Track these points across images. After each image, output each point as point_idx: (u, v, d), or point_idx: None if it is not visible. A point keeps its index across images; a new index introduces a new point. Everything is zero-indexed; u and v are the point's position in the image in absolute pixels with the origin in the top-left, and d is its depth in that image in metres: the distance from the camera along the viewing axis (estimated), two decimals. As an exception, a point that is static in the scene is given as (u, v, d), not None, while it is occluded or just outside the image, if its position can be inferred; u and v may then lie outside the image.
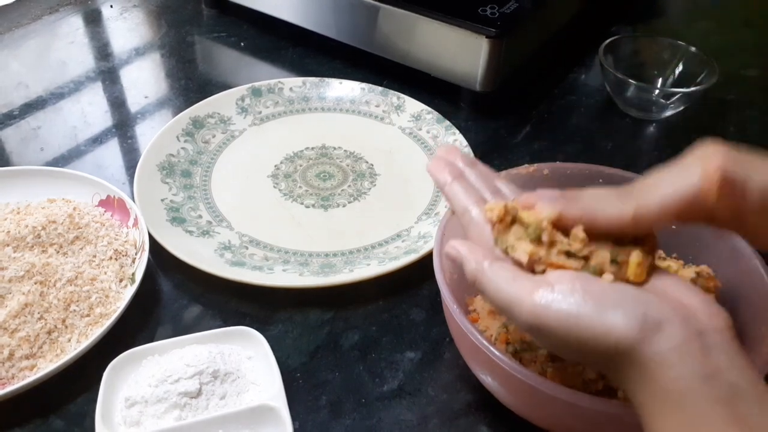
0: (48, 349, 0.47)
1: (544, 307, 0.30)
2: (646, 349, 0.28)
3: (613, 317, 0.28)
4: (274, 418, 0.43)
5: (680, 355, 0.27)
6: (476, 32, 0.66)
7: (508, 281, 0.31)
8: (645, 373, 0.28)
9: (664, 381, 0.28)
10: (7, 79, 0.77)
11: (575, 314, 0.29)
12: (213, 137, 0.68)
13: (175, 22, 0.88)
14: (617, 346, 0.28)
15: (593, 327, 0.29)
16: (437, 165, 0.39)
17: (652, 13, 0.95)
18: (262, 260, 0.55)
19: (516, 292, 0.31)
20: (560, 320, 0.29)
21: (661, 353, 0.28)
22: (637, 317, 0.28)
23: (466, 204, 0.36)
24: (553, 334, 0.30)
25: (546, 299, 0.30)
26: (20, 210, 0.55)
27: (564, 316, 0.29)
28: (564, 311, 0.29)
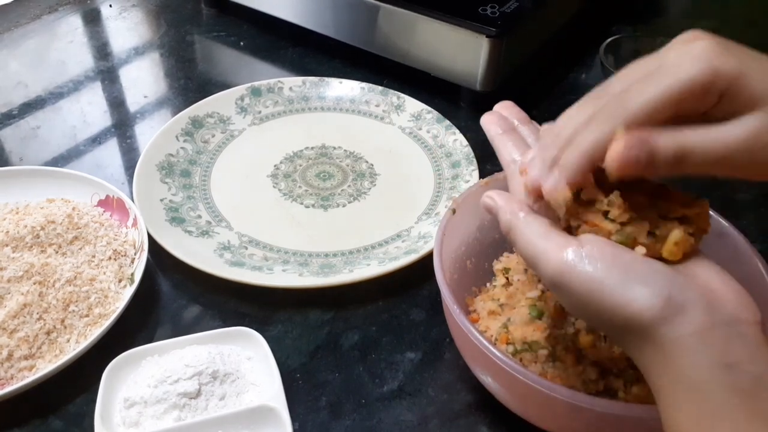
0: (47, 350, 0.46)
1: (570, 265, 0.29)
2: (665, 329, 0.27)
3: (636, 290, 0.28)
4: (273, 418, 0.42)
5: (701, 342, 0.27)
6: (476, 32, 0.66)
7: (540, 235, 0.31)
8: (662, 355, 0.28)
9: (682, 366, 0.27)
10: (6, 79, 0.77)
11: (599, 279, 0.28)
12: (212, 137, 0.68)
13: (174, 21, 0.88)
14: (636, 320, 0.28)
15: (615, 296, 0.28)
16: (491, 118, 0.39)
17: (653, 12, 0.95)
18: (261, 260, 0.55)
19: (545, 246, 0.30)
20: (583, 282, 0.29)
21: (681, 337, 0.27)
22: (661, 295, 0.27)
23: (513, 154, 0.36)
24: (575, 294, 0.29)
25: (573, 258, 0.29)
26: (19, 210, 0.55)
27: (588, 278, 0.28)
28: (588, 274, 0.28)
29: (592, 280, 0.28)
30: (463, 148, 0.65)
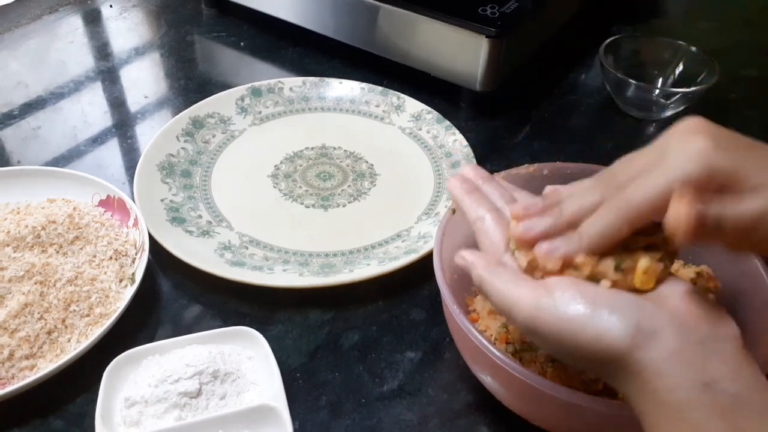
0: (48, 349, 0.47)
1: (539, 310, 0.30)
2: (639, 356, 0.28)
3: (605, 322, 0.29)
4: (274, 418, 0.43)
5: (676, 364, 0.27)
6: (476, 32, 0.66)
7: (509, 284, 0.32)
8: (641, 381, 0.28)
9: (660, 390, 0.28)
10: (6, 79, 0.77)
11: (569, 318, 0.29)
12: (213, 137, 0.68)
13: (174, 21, 0.88)
14: (611, 351, 0.29)
15: (587, 331, 0.29)
16: (455, 182, 0.40)
17: (653, 12, 0.95)
18: (262, 260, 0.55)
19: (516, 295, 0.32)
20: (554, 324, 0.30)
21: (654, 361, 0.28)
22: (630, 323, 0.28)
23: (479, 211, 0.37)
24: (550, 336, 0.30)
25: (542, 303, 0.30)
26: (20, 210, 0.55)
27: (558, 319, 0.30)
28: (559, 314, 0.30)
29: (562, 321, 0.30)
30: (463, 149, 0.65)
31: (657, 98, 0.71)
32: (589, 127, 0.73)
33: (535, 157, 0.68)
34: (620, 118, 0.74)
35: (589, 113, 0.75)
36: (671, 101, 0.70)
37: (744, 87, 0.80)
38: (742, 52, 0.86)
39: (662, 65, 0.75)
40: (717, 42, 0.87)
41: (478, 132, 0.71)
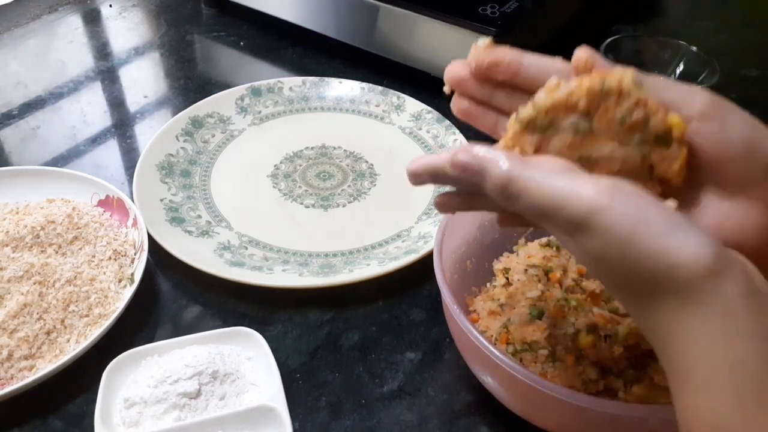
0: (47, 350, 0.46)
1: (609, 199, 0.25)
2: (713, 286, 0.24)
3: (685, 237, 0.24)
4: (273, 418, 0.42)
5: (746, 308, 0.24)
6: (476, 32, 0.66)
7: (557, 176, 0.26)
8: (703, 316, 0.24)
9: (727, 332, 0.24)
10: (6, 79, 0.77)
11: (644, 220, 0.24)
12: (212, 137, 0.68)
13: (174, 21, 0.88)
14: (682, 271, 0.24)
15: (660, 240, 0.24)
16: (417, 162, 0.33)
17: (653, 12, 0.95)
18: (261, 260, 0.55)
19: (571, 184, 0.26)
20: (625, 221, 0.24)
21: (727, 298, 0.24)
22: (712, 247, 0.24)
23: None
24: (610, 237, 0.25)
25: (612, 194, 0.25)
26: (19, 210, 0.55)
27: (632, 215, 0.24)
28: (632, 211, 0.24)
29: (636, 218, 0.24)
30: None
31: (657, 98, 0.71)
32: (589, 127, 0.73)
33: (535, 157, 0.67)
34: (620, 118, 0.74)
35: (589, 113, 0.75)
36: (671, 101, 0.70)
37: (744, 87, 0.80)
38: (742, 52, 0.86)
39: (662, 65, 0.75)
40: (717, 42, 0.87)
41: (478, 132, 0.70)
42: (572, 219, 0.25)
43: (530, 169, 0.27)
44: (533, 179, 0.26)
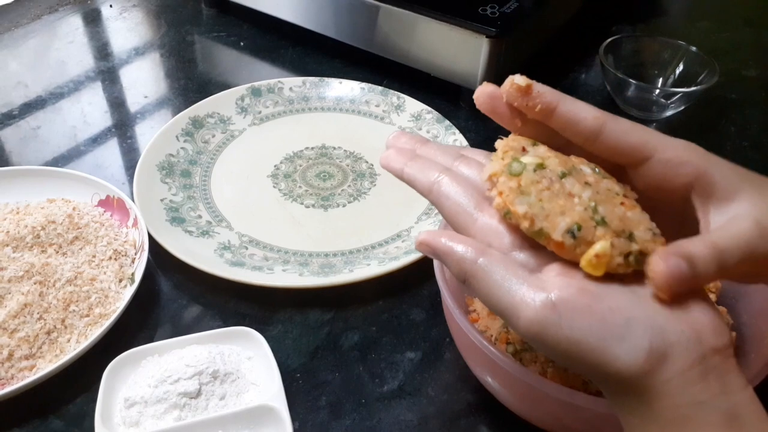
0: (47, 350, 0.46)
1: (543, 325, 0.27)
2: (647, 380, 0.27)
3: (616, 348, 0.27)
4: (273, 418, 0.43)
5: (679, 384, 0.26)
6: (476, 32, 0.66)
7: (504, 286, 0.28)
8: (645, 401, 0.27)
9: (658, 408, 0.27)
10: (6, 79, 0.77)
11: (576, 340, 0.27)
12: (212, 137, 0.68)
13: (174, 21, 0.88)
14: (617, 376, 0.27)
15: (595, 355, 0.27)
16: (388, 155, 0.35)
17: (653, 12, 0.95)
18: (261, 260, 0.55)
19: (513, 301, 0.28)
20: (560, 342, 0.27)
21: (660, 383, 0.27)
22: (642, 349, 0.27)
23: (430, 176, 0.32)
24: (553, 352, 0.28)
25: (546, 317, 0.27)
26: (19, 210, 0.55)
27: (564, 339, 0.27)
28: (564, 335, 0.27)
29: (569, 340, 0.27)
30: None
31: (657, 98, 0.71)
32: (589, 127, 0.73)
33: (536, 157, 0.67)
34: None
35: (589, 113, 0.75)
36: (671, 101, 0.70)
37: (744, 87, 0.80)
38: (742, 52, 0.86)
39: (662, 65, 0.75)
40: (717, 42, 0.87)
41: (478, 132, 0.71)
42: (519, 333, 0.28)
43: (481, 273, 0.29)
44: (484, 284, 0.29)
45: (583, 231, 0.28)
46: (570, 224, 0.28)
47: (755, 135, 0.73)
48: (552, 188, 0.29)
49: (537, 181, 0.29)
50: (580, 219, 0.28)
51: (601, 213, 0.28)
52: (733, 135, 0.73)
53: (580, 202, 0.29)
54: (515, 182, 0.29)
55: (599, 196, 0.29)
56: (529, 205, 0.29)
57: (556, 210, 0.28)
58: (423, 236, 0.31)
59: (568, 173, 0.29)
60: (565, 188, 0.29)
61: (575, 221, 0.28)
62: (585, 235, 0.28)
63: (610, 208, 0.29)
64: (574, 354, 0.27)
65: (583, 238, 0.28)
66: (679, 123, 0.73)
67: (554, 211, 0.28)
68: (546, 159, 0.30)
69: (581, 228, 0.28)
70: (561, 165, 0.30)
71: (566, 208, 0.28)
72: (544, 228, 0.28)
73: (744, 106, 0.77)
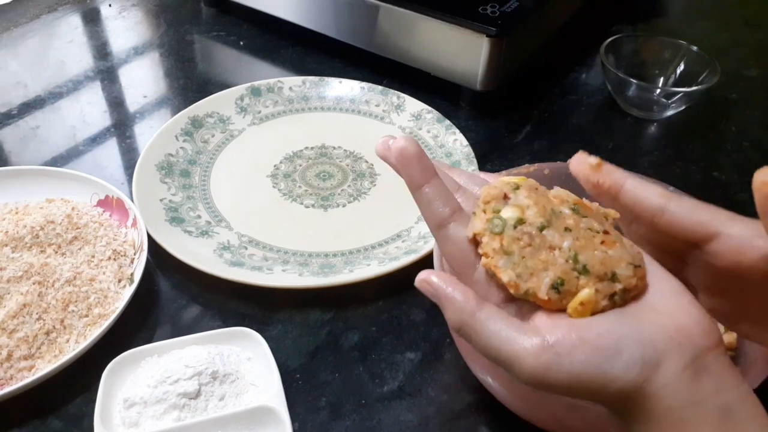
0: (46, 350, 0.46)
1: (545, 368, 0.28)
2: (645, 389, 0.28)
3: (613, 368, 0.28)
4: (273, 419, 0.42)
5: (674, 387, 0.28)
6: (477, 31, 0.66)
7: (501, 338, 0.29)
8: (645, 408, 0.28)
9: (656, 413, 0.28)
10: (5, 79, 0.77)
11: (577, 373, 0.28)
12: (212, 137, 0.68)
13: (174, 21, 0.88)
14: (621, 393, 0.28)
15: (596, 382, 0.28)
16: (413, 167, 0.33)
17: (654, 12, 0.95)
18: (261, 260, 0.55)
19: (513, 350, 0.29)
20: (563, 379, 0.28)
21: (657, 388, 0.28)
22: (636, 362, 0.28)
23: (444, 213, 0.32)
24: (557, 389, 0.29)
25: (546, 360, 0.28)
26: (18, 210, 0.55)
27: (566, 375, 0.28)
28: (565, 371, 0.28)
29: (570, 375, 0.28)
30: (463, 148, 0.65)
31: (658, 98, 0.71)
32: (589, 126, 0.73)
33: (536, 157, 0.68)
34: (621, 117, 0.74)
35: (589, 113, 0.75)
36: (672, 101, 0.70)
37: (744, 87, 0.80)
38: (742, 52, 0.86)
39: (663, 65, 0.75)
40: (717, 42, 0.87)
41: (478, 132, 0.71)
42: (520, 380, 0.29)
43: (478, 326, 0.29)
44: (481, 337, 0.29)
45: (566, 284, 0.29)
46: (553, 279, 0.29)
47: (755, 135, 0.73)
48: (533, 243, 0.30)
49: (518, 238, 0.30)
50: (563, 273, 0.29)
51: (582, 261, 0.30)
52: (733, 135, 0.73)
53: (561, 254, 0.30)
54: (498, 242, 0.30)
55: (579, 242, 0.30)
56: (513, 266, 0.30)
57: (539, 267, 0.30)
58: (425, 275, 0.31)
59: (548, 224, 0.30)
60: (546, 241, 0.30)
61: (558, 276, 0.29)
62: (569, 288, 0.29)
63: (590, 254, 0.30)
64: (577, 387, 0.28)
65: (567, 291, 0.29)
66: (680, 123, 0.73)
67: (537, 268, 0.30)
68: (526, 209, 0.31)
69: (564, 282, 0.29)
70: (541, 214, 0.30)
71: (548, 263, 0.30)
72: (530, 289, 0.29)
73: (744, 106, 0.77)
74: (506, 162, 0.67)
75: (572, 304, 0.29)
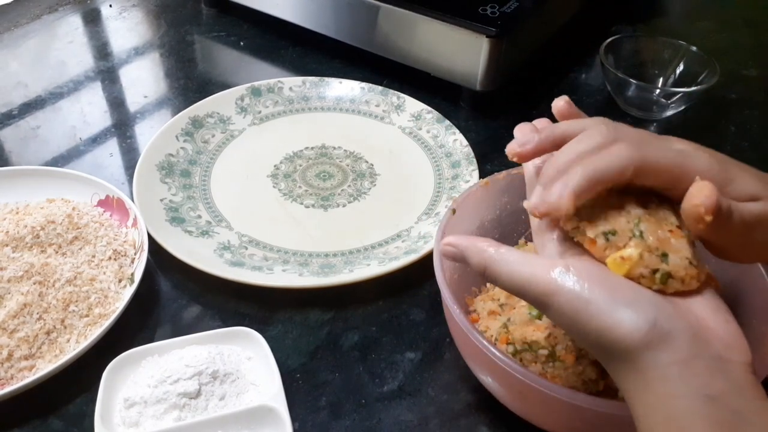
0: (47, 350, 0.46)
1: (557, 284, 0.29)
2: (648, 355, 0.27)
3: (622, 313, 0.28)
4: (273, 418, 0.42)
5: (683, 371, 0.27)
6: (476, 31, 0.66)
7: (521, 262, 0.31)
8: (643, 381, 0.28)
9: (661, 395, 0.27)
10: (6, 79, 0.77)
11: (585, 299, 0.28)
12: (212, 137, 0.68)
13: (174, 21, 0.88)
14: (621, 344, 0.28)
15: (601, 317, 0.28)
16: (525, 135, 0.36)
17: (653, 12, 0.95)
18: (261, 260, 0.55)
19: (530, 270, 0.31)
20: (570, 301, 0.29)
21: (662, 365, 0.27)
22: (647, 320, 0.28)
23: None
24: (562, 313, 0.29)
25: (560, 278, 0.29)
26: (19, 210, 0.55)
27: (575, 298, 0.29)
28: (575, 293, 0.29)
29: (579, 300, 0.29)
30: (463, 148, 0.65)
31: (657, 98, 0.71)
32: (589, 127, 0.73)
33: (536, 157, 0.67)
34: (621, 117, 0.74)
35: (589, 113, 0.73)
36: (672, 101, 0.70)
37: (744, 87, 0.80)
38: (742, 52, 0.86)
39: (663, 65, 0.75)
40: (717, 42, 0.87)
41: (478, 132, 0.71)
42: (534, 300, 0.31)
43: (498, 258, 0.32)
44: (502, 266, 0.32)
45: (617, 236, 0.30)
46: (608, 229, 0.30)
47: (755, 135, 0.73)
48: (608, 201, 0.31)
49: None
50: (619, 227, 0.30)
51: (641, 228, 0.30)
52: (733, 135, 0.73)
53: (626, 216, 0.31)
54: None
55: (650, 217, 0.31)
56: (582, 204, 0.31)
57: (602, 217, 0.31)
58: (448, 238, 0.35)
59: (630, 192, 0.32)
60: (621, 203, 0.31)
61: (614, 228, 0.30)
62: (617, 241, 0.30)
63: (653, 228, 0.31)
64: (581, 315, 0.28)
65: (614, 243, 0.30)
66: (679, 123, 0.73)
67: (599, 217, 0.31)
68: None
69: (616, 233, 0.30)
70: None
71: (612, 218, 0.31)
72: (582, 226, 0.31)
73: (744, 106, 0.77)
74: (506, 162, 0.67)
75: (613, 255, 0.30)
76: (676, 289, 0.30)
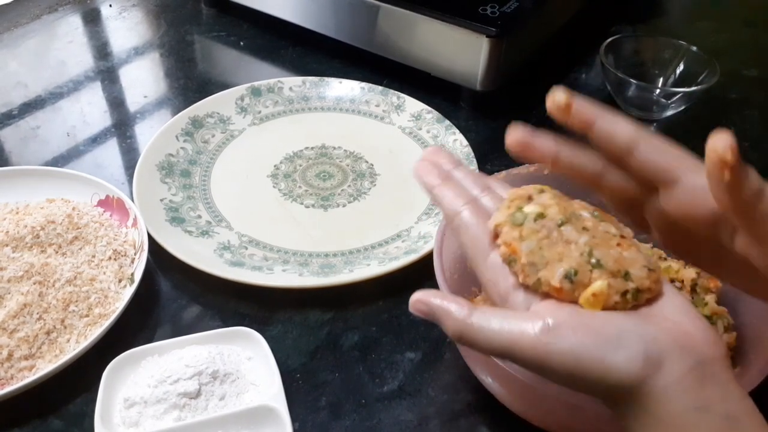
0: (47, 350, 0.46)
1: (545, 349, 0.28)
2: (646, 386, 0.28)
3: (614, 357, 0.28)
4: (273, 418, 0.42)
5: (677, 390, 0.27)
6: (477, 31, 0.66)
7: (498, 330, 0.29)
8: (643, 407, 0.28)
9: (659, 415, 0.28)
10: (6, 79, 0.77)
11: (577, 355, 0.28)
12: (212, 137, 0.68)
13: (174, 21, 0.88)
14: (619, 386, 0.28)
15: (594, 369, 0.28)
16: (423, 167, 0.36)
17: (653, 12, 0.95)
18: (261, 260, 0.55)
19: (510, 338, 0.29)
20: (564, 362, 0.28)
21: (659, 389, 0.27)
22: (638, 356, 0.28)
23: (456, 206, 0.34)
24: (557, 372, 0.29)
25: (546, 341, 0.28)
26: (19, 210, 0.55)
27: (567, 356, 0.28)
28: (566, 351, 0.28)
29: (570, 356, 0.28)
30: (463, 148, 0.65)
31: (657, 98, 0.71)
32: (589, 127, 0.73)
33: (536, 157, 0.67)
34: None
35: (589, 113, 0.75)
36: (672, 101, 0.70)
37: (744, 87, 0.80)
38: (742, 52, 0.86)
39: (663, 65, 0.75)
40: (717, 42, 0.87)
41: (478, 132, 0.71)
42: (523, 366, 0.29)
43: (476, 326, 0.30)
44: (482, 334, 0.30)
45: (579, 275, 0.29)
46: (567, 269, 0.29)
47: (755, 135, 0.73)
48: (550, 237, 0.31)
49: (537, 230, 0.31)
50: (577, 264, 0.30)
51: (596, 256, 0.30)
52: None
53: (576, 248, 0.30)
54: (517, 232, 0.31)
55: (595, 240, 0.31)
56: (529, 253, 0.30)
57: (554, 258, 0.30)
58: (418, 295, 0.32)
59: (567, 221, 0.31)
60: (563, 236, 0.31)
61: (572, 266, 0.30)
62: (581, 279, 0.29)
63: (605, 251, 0.30)
64: (577, 371, 0.28)
65: (580, 282, 0.29)
66: (679, 123, 0.73)
67: (552, 258, 0.30)
68: (547, 207, 0.31)
69: (577, 272, 0.29)
70: (561, 213, 0.31)
71: (563, 255, 0.30)
72: (543, 277, 0.30)
73: (744, 106, 0.77)
74: (506, 162, 0.67)
75: (585, 294, 0.29)
76: (646, 298, 0.30)
